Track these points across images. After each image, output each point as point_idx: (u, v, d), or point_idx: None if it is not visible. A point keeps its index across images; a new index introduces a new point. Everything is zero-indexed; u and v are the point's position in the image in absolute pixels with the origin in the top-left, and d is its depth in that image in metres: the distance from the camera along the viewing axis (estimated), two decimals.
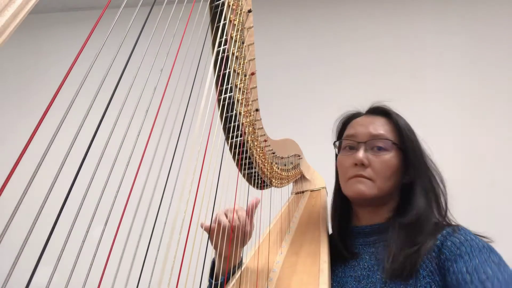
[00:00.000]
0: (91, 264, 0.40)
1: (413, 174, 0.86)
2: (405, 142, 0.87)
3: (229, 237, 0.83)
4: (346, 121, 0.99)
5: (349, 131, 0.94)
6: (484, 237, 0.77)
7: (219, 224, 0.82)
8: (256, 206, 0.89)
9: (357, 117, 0.97)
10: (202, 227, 0.83)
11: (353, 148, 0.90)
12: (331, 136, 1.03)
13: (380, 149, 0.87)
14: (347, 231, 0.94)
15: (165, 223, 0.51)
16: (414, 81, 2.43)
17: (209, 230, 0.83)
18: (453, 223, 0.84)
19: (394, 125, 0.90)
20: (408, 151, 0.87)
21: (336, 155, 0.98)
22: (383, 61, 2.52)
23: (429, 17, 2.58)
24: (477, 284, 0.65)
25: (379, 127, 0.90)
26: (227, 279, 0.84)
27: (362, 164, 0.86)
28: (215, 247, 0.85)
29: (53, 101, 0.33)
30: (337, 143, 0.98)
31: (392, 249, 0.78)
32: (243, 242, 0.89)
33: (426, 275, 0.73)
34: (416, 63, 2.48)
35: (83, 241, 0.39)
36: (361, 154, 0.86)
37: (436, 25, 2.54)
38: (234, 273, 0.86)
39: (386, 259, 0.77)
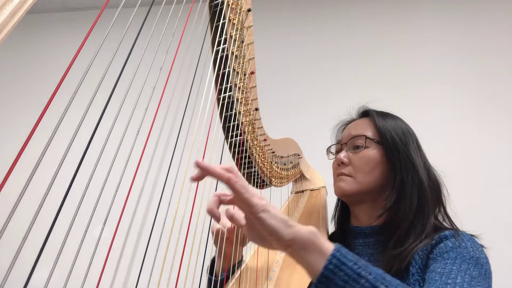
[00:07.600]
0: (90, 264, 0.40)
1: (399, 168, 0.85)
2: (385, 136, 0.88)
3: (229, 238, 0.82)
4: (343, 128, 1.03)
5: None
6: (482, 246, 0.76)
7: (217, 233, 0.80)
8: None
9: (350, 123, 1.00)
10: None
11: (339, 151, 0.96)
12: (331, 135, 1.06)
13: (358, 147, 0.90)
14: (347, 231, 0.94)
15: (164, 222, 0.51)
16: (415, 77, 2.43)
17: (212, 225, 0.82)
18: (455, 227, 0.83)
19: (374, 124, 0.91)
20: (388, 145, 0.87)
21: None
22: (384, 60, 2.52)
23: (431, 15, 2.58)
24: (439, 285, 0.63)
25: (360, 127, 0.93)
26: (227, 277, 0.84)
27: (343, 163, 0.91)
28: (215, 243, 0.84)
29: (52, 99, 0.33)
30: (329, 149, 1.03)
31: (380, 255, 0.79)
32: (243, 242, 0.88)
33: (415, 272, 0.73)
34: (418, 59, 2.48)
35: (82, 241, 0.39)
36: (342, 154, 0.92)
37: (437, 22, 2.54)
38: (234, 271, 0.86)
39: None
